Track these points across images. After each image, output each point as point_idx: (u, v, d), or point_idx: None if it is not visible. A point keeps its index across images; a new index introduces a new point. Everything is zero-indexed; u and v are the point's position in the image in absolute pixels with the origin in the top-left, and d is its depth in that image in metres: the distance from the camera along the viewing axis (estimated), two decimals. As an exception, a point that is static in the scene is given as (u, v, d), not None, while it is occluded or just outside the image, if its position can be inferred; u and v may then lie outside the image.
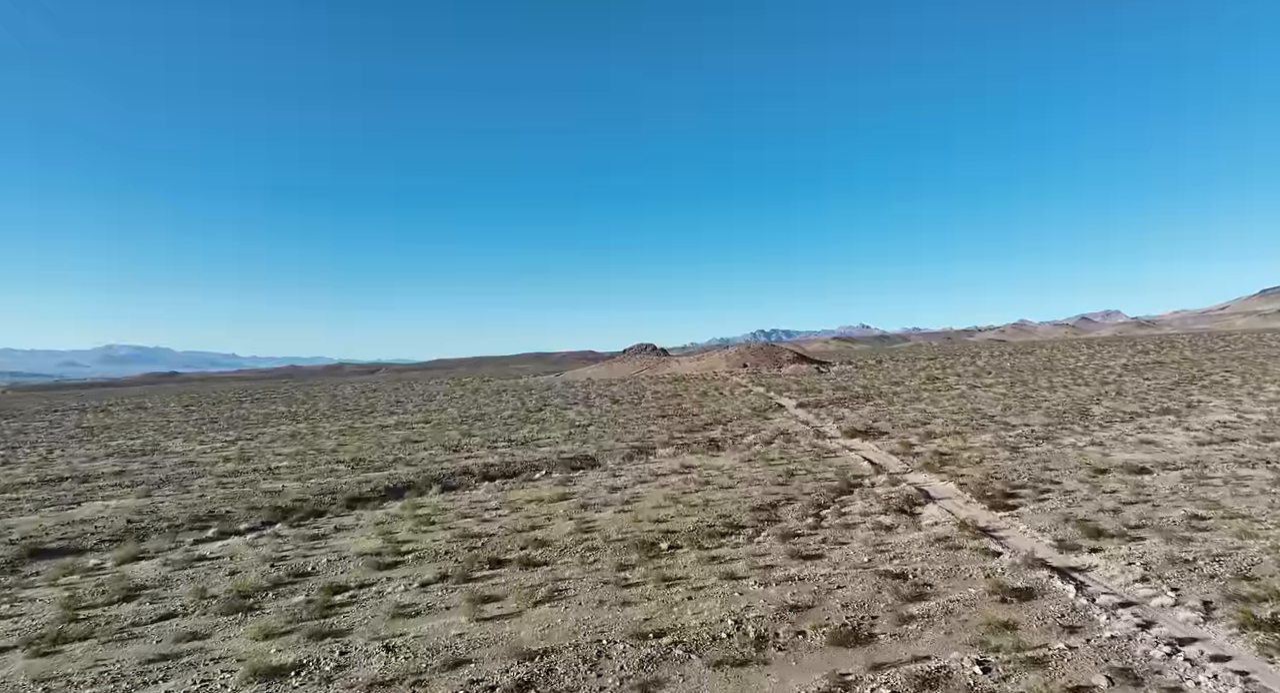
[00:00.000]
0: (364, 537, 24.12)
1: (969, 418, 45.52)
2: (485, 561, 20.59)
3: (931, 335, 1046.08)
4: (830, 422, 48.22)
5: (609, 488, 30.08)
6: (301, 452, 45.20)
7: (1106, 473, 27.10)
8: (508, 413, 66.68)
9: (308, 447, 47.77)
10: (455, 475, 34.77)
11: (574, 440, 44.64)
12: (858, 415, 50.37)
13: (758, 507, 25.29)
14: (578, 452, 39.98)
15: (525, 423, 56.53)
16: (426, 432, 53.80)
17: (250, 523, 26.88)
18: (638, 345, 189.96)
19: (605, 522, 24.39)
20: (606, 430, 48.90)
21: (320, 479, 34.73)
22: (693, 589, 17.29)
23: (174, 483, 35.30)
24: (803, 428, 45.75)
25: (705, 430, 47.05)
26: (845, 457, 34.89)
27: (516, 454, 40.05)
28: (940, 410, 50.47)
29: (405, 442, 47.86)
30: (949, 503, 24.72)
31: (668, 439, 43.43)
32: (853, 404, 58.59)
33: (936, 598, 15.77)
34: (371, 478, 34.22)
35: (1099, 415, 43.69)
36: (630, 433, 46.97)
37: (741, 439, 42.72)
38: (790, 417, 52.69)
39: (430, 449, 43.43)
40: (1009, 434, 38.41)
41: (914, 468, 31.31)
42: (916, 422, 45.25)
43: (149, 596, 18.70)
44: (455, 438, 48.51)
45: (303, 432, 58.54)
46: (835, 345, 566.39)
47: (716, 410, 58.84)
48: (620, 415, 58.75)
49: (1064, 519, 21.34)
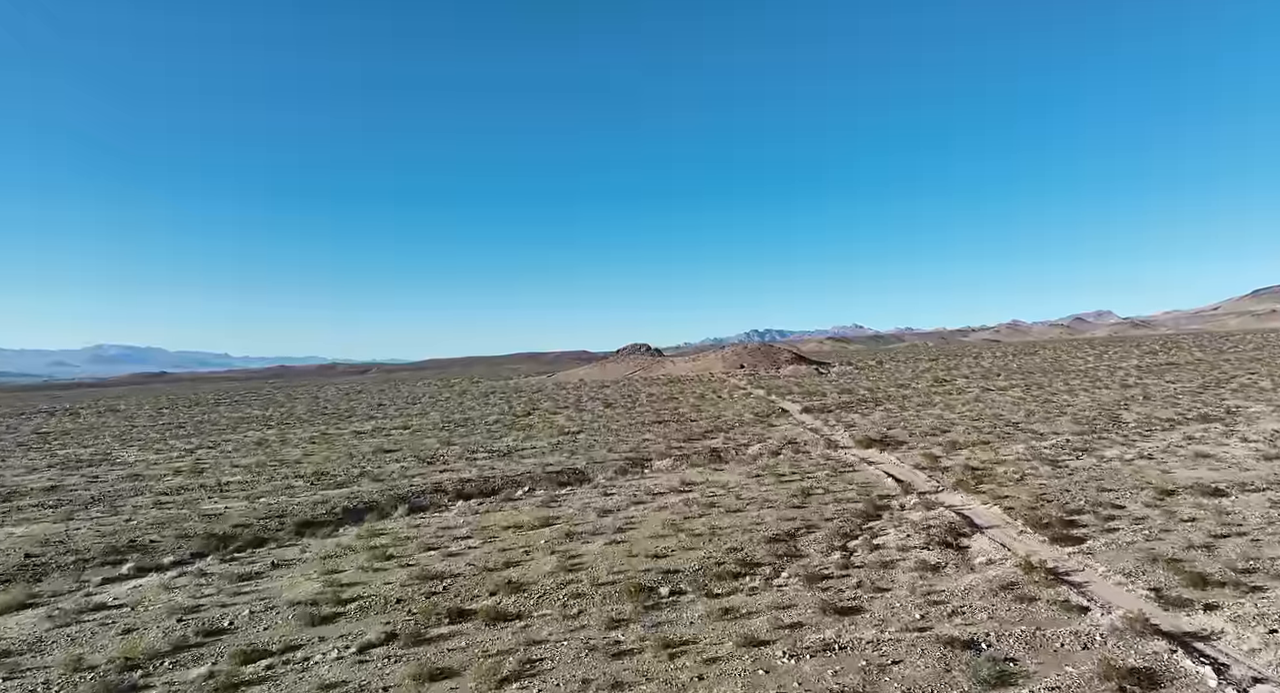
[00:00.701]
0: (304, 576, 20.14)
1: (992, 425, 41.90)
2: (445, 612, 16.69)
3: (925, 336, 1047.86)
4: (841, 429, 44.51)
5: (599, 510, 26.20)
6: (262, 463, 41.07)
7: (1175, 495, 23.40)
8: (493, 418, 62.66)
9: (270, 457, 43.64)
10: (425, 494, 30.81)
11: (562, 451, 40.73)
12: (870, 422, 46.68)
13: (774, 537, 21.50)
14: (565, 464, 36.08)
15: (510, 430, 52.57)
16: (403, 440, 49.74)
17: (176, 556, 22.85)
18: (631, 346, 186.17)
19: (594, 557, 20.53)
20: (598, 439, 45.02)
21: (272, 498, 30.68)
22: (704, 661, 13.45)
23: (105, 502, 31.12)
24: (812, 436, 42.00)
25: (705, 439, 43.24)
26: (865, 471, 31.15)
27: (497, 467, 36.09)
28: (958, 417, 46.84)
29: (377, 452, 43.81)
30: (1000, 533, 20.98)
31: (665, 449, 39.59)
32: (862, 409, 54.92)
33: (1028, 683, 11.96)
34: (330, 497, 30.21)
35: (1133, 423, 40.14)
36: (623, 442, 43.11)
37: (746, 450, 38.93)
38: (796, 423, 48.95)
39: (403, 461, 39.41)
40: (1042, 445, 34.77)
41: (945, 486, 27.58)
42: (935, 429, 41.59)
43: (3, 669, 14.66)
44: (433, 447, 44.50)
45: (270, 439, 54.35)
46: (830, 346, 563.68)
47: (716, 416, 55.06)
48: (613, 421, 54.86)
49: (1149, 558, 17.60)
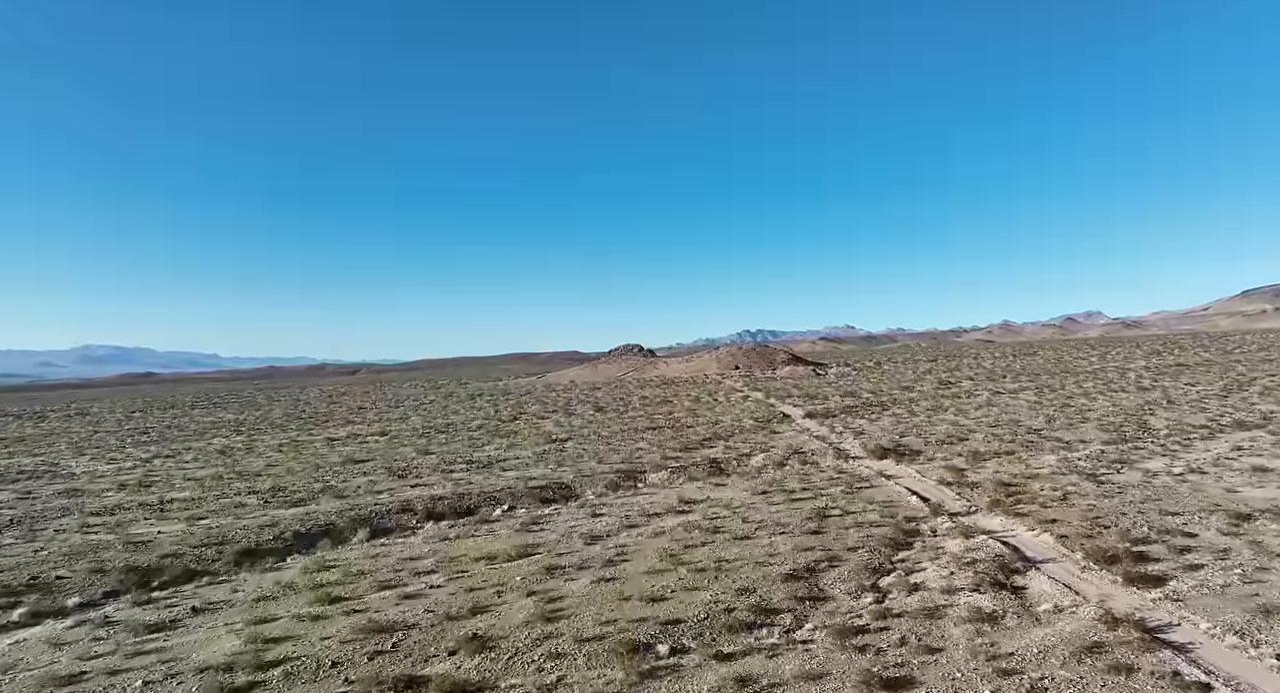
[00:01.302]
0: (226, 628, 16.66)
1: (1012, 432, 38.81)
2: (391, 682, 13.35)
3: (916, 336, 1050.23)
4: (849, 436, 41.30)
5: (587, 537, 22.83)
6: (218, 476, 37.41)
7: (1253, 520, 20.30)
8: (477, 424, 59.12)
9: (229, 468, 39.96)
10: (391, 514, 27.32)
11: (548, 461, 37.30)
12: (879, 428, 43.50)
13: (791, 573, 18.22)
14: (551, 478, 32.67)
15: (494, 437, 49.07)
16: (377, 448, 46.16)
17: (84, 596, 19.34)
18: (624, 346, 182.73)
19: (578, 600, 17.17)
20: (587, 447, 41.62)
21: (217, 519, 27.10)
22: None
23: (25, 525, 27.42)
24: (819, 445, 38.77)
25: (704, 448, 39.94)
26: (884, 487, 27.92)
27: (475, 482, 32.63)
28: (974, 423, 43.74)
29: (347, 462, 40.21)
30: (1059, 569, 17.77)
31: (660, 460, 36.26)
32: (868, 414, 51.76)
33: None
34: (282, 518, 26.66)
35: (1165, 430, 37.16)
36: (615, 451, 39.73)
37: (748, 460, 35.67)
38: (801, 430, 45.71)
39: (373, 474, 35.86)
40: (1075, 456, 31.68)
41: (979, 506, 24.39)
42: (952, 437, 38.45)
43: None
44: (408, 457, 40.95)
45: (236, 447, 50.60)
46: (822, 346, 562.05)
47: (714, 421, 51.77)
48: (604, 427, 51.47)
49: (1261, 610, 14.45)
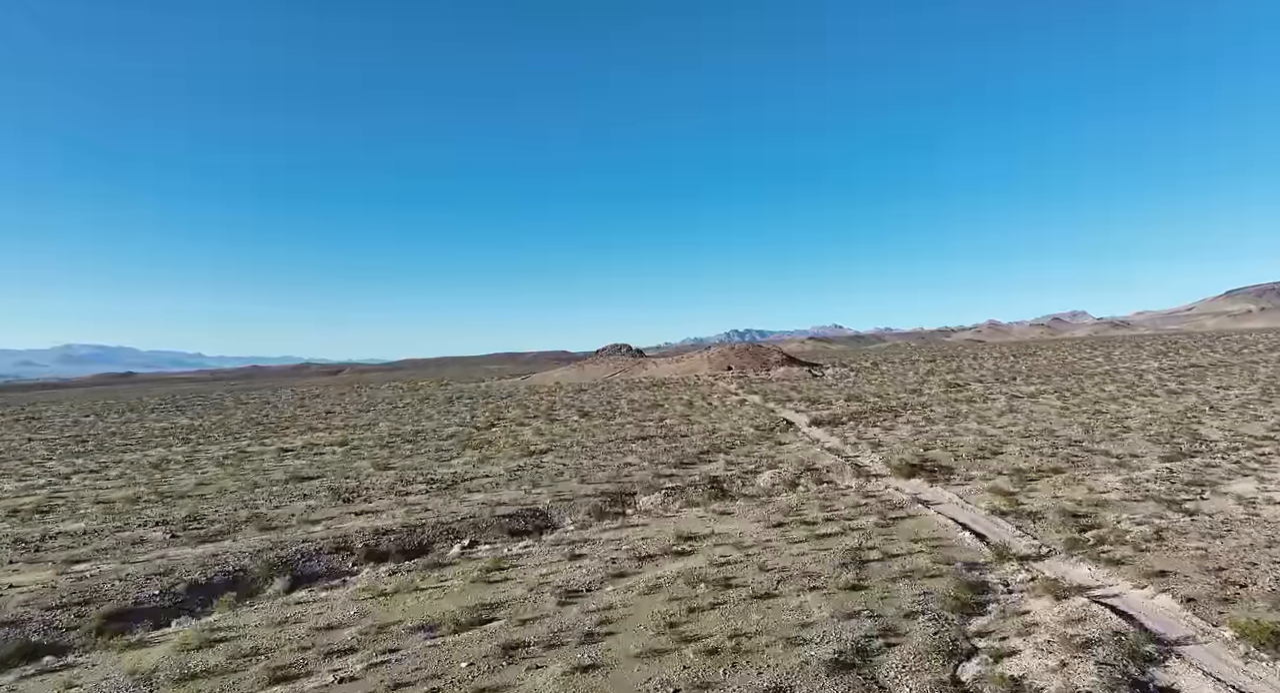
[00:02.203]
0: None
1: (1051, 445, 34.23)
2: None
3: (904, 336, 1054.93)
4: (866, 448, 36.52)
5: (562, 593, 17.79)
6: (134, 498, 31.93)
7: None
8: (450, 431, 53.80)
9: (153, 487, 34.44)
10: (322, 555, 22.12)
11: (522, 480, 32.18)
12: (897, 439, 38.76)
13: (837, 659, 13.32)
14: (524, 503, 27.57)
15: (465, 448, 43.82)
16: (332, 461, 40.78)
17: None
18: (612, 346, 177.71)
19: (543, 709, 12.13)
20: (569, 462, 36.53)
21: (102, 562, 21.76)
22: None
23: None
24: (834, 460, 33.92)
25: (702, 462, 35.00)
26: (924, 518, 23.11)
27: (433, 508, 27.45)
28: (1002, 432, 39.12)
29: (291, 480, 34.84)
30: (1209, 657, 12.96)
31: (652, 478, 31.27)
32: (879, 420, 47.05)
33: None
34: (183, 561, 21.35)
35: (1223, 442, 32.74)
36: (600, 467, 34.67)
37: (755, 478, 30.78)
38: (809, 440, 40.84)
39: (315, 496, 30.55)
40: (1139, 476, 27.05)
41: (1053, 547, 19.58)
42: (984, 450, 33.77)
43: None
44: (362, 474, 35.67)
45: (174, 459, 44.96)
46: (812, 346, 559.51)
47: (710, 429, 46.82)
48: (589, 436, 46.39)
49: None
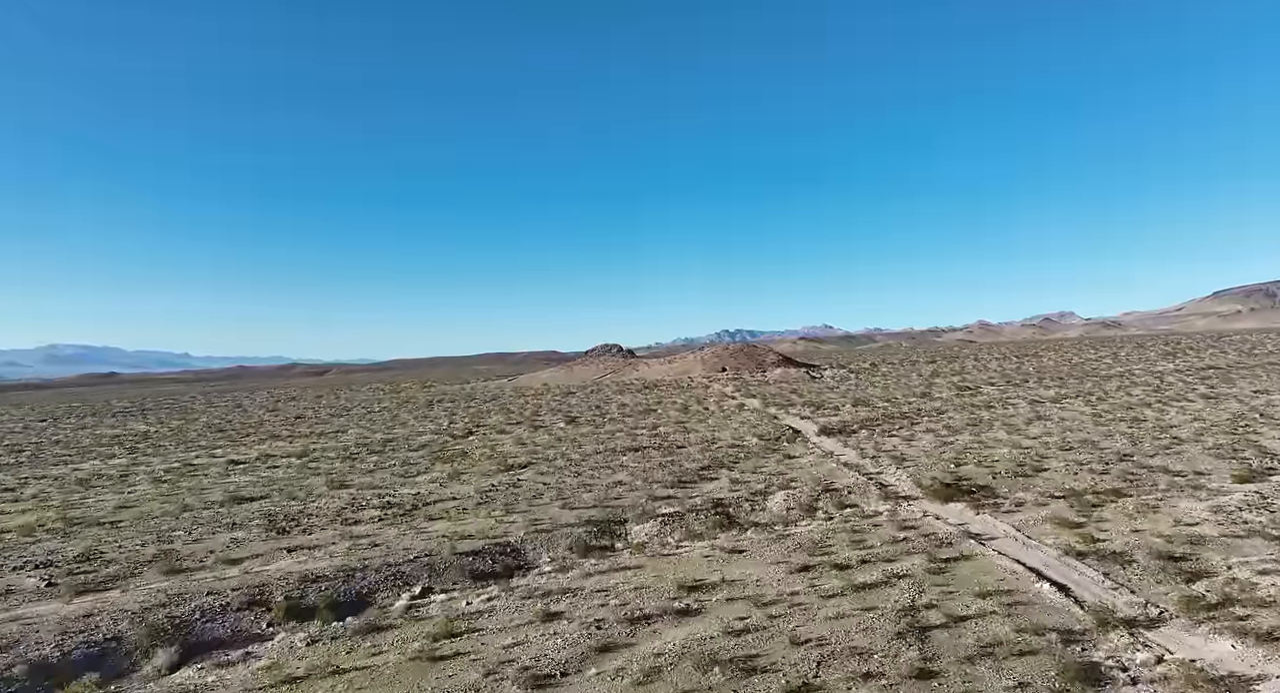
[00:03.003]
0: None
1: (1097, 459, 30.13)
2: None
3: (894, 336, 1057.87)
4: (888, 463, 32.24)
5: (529, 680, 13.30)
6: (34, 525, 27.02)
7: None
8: (423, 439, 49.10)
9: (63, 512, 29.52)
10: (230, 612, 17.48)
11: (494, 503, 27.65)
12: (921, 452, 34.53)
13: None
14: (492, 536, 23.05)
15: (437, 460, 39.17)
16: (282, 477, 36.01)
17: None
18: (602, 346, 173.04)
19: None
20: (550, 480, 32.02)
21: (-55, 624, 17.00)
22: None
23: None
24: (854, 478, 29.61)
25: (702, 480, 30.60)
26: (982, 559, 18.83)
27: (384, 542, 22.85)
28: (1036, 443, 34.97)
29: (229, 501, 30.09)
30: None
31: (646, 501, 26.84)
32: (895, 429, 42.82)
33: None
34: (43, 622, 16.65)
35: (1295, 456, 28.80)
36: (587, 486, 30.18)
37: (765, 501, 26.43)
38: (821, 452, 36.48)
39: (247, 525, 25.83)
40: (1223, 501, 22.94)
41: (1165, 607, 15.33)
42: (1022, 465, 29.59)
43: None
44: (312, 493, 30.98)
45: (107, 474, 39.96)
46: (803, 346, 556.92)
47: (710, 438, 42.41)
48: (575, 447, 41.87)
49: None
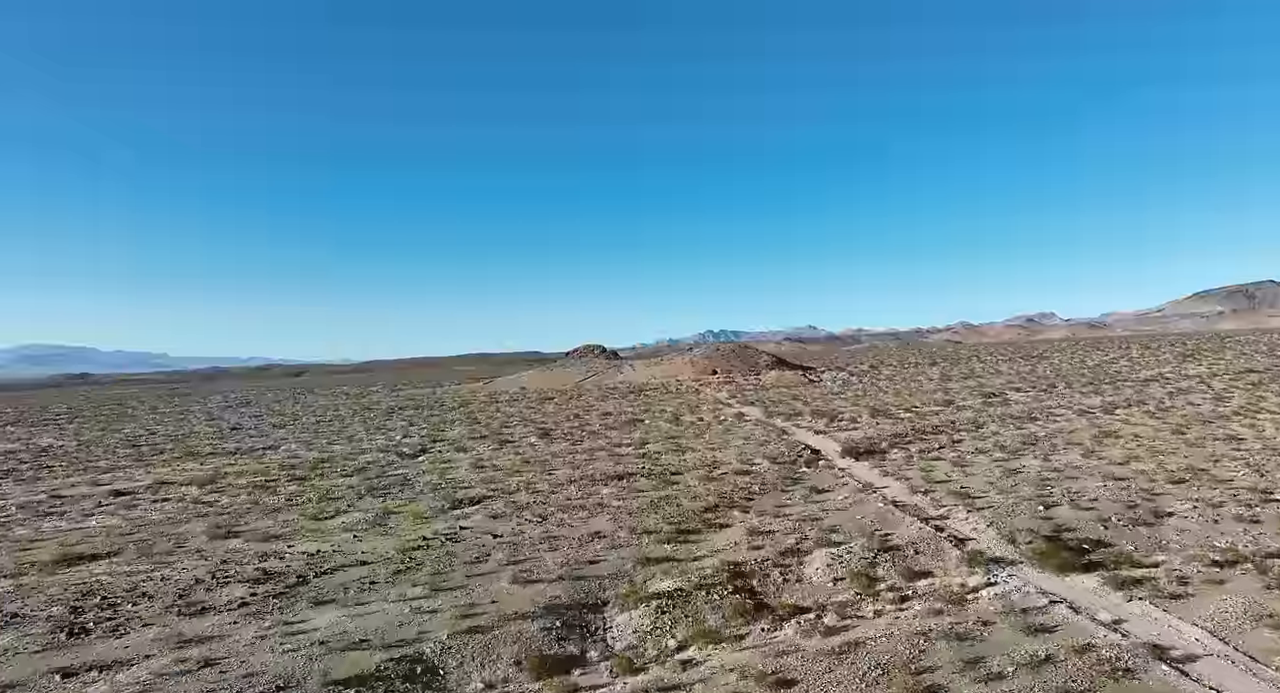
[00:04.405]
0: None
1: (1230, 496, 22.79)
2: None
3: (878, 336, 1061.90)
4: (948, 500, 24.57)
5: None
6: None
7: None
8: (364, 460, 40.75)
9: None
10: None
11: (420, 570, 19.58)
12: (985, 483, 26.90)
13: None
14: (396, 640, 14.97)
15: (367, 493, 30.92)
16: (158, 520, 27.56)
17: None
18: (584, 347, 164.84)
19: None
20: (505, 526, 23.97)
21: None
22: None
23: None
24: (913, 526, 21.84)
25: (709, 528, 22.76)
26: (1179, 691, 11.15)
27: (224, 654, 14.67)
28: (1130, 471, 27.52)
29: (50, 564, 21.63)
30: None
31: (633, 569, 18.96)
32: (933, 447, 35.20)
33: None
34: None
35: None
36: (553, 538, 22.15)
37: (802, 566, 18.69)
38: (855, 484, 28.68)
39: (33, 619, 17.49)
40: None
41: None
42: (1133, 507, 22.14)
43: None
44: (176, 549, 22.67)
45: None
46: (789, 346, 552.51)
47: (710, 461, 34.57)
48: (545, 472, 33.86)
49: None
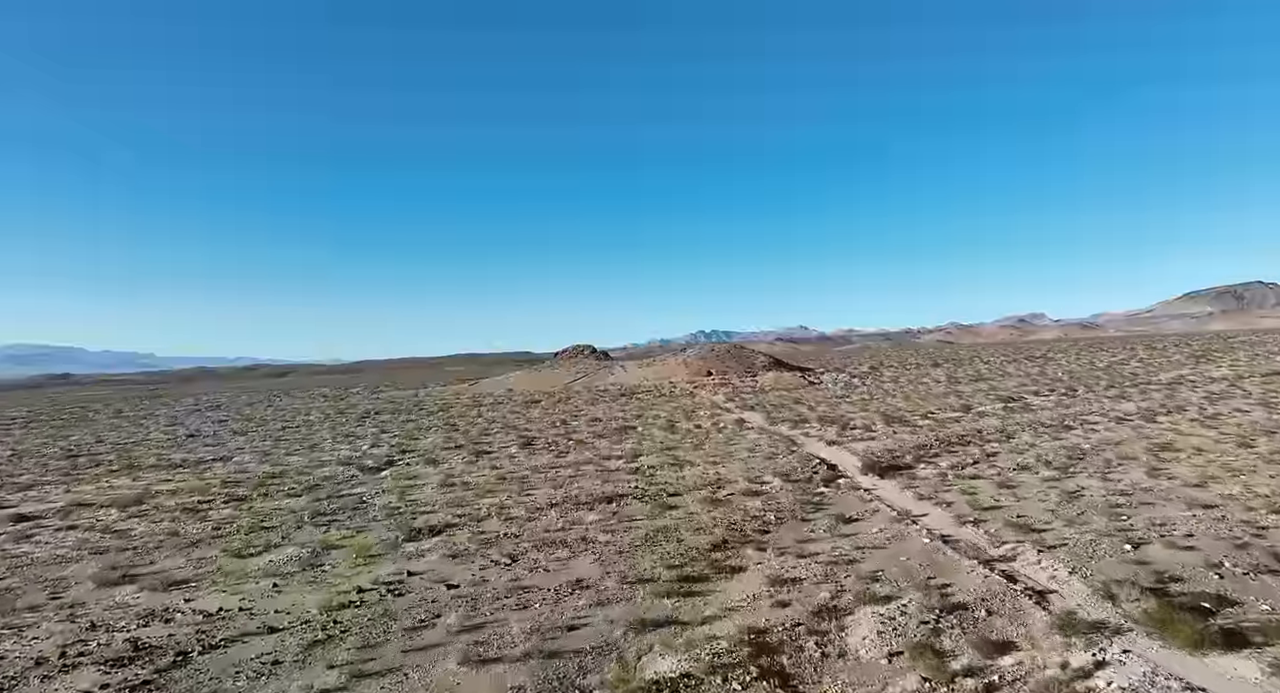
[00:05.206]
0: None
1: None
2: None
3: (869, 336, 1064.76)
4: (1006, 533, 20.27)
5: None
6: None
7: None
8: (322, 474, 36.02)
9: None
10: None
11: (338, 646, 14.97)
12: (1045, 510, 22.63)
13: None
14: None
15: (307, 523, 26.22)
16: (43, 558, 22.77)
17: None
18: (574, 347, 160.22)
19: None
20: (465, 572, 19.40)
21: None
22: None
23: None
24: (972, 569, 17.51)
25: (719, 573, 18.28)
26: None
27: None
28: (1217, 496, 23.35)
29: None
30: None
31: (623, 639, 14.45)
32: (965, 461, 30.96)
33: None
34: None
35: None
36: (522, 592, 17.60)
37: (842, 633, 14.23)
38: (890, 511, 24.30)
39: None
40: None
41: None
42: (1244, 546, 17.92)
43: None
44: (51, 600, 17.92)
45: None
46: (781, 347, 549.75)
47: (713, 478, 30.17)
48: (523, 492, 29.31)
49: None
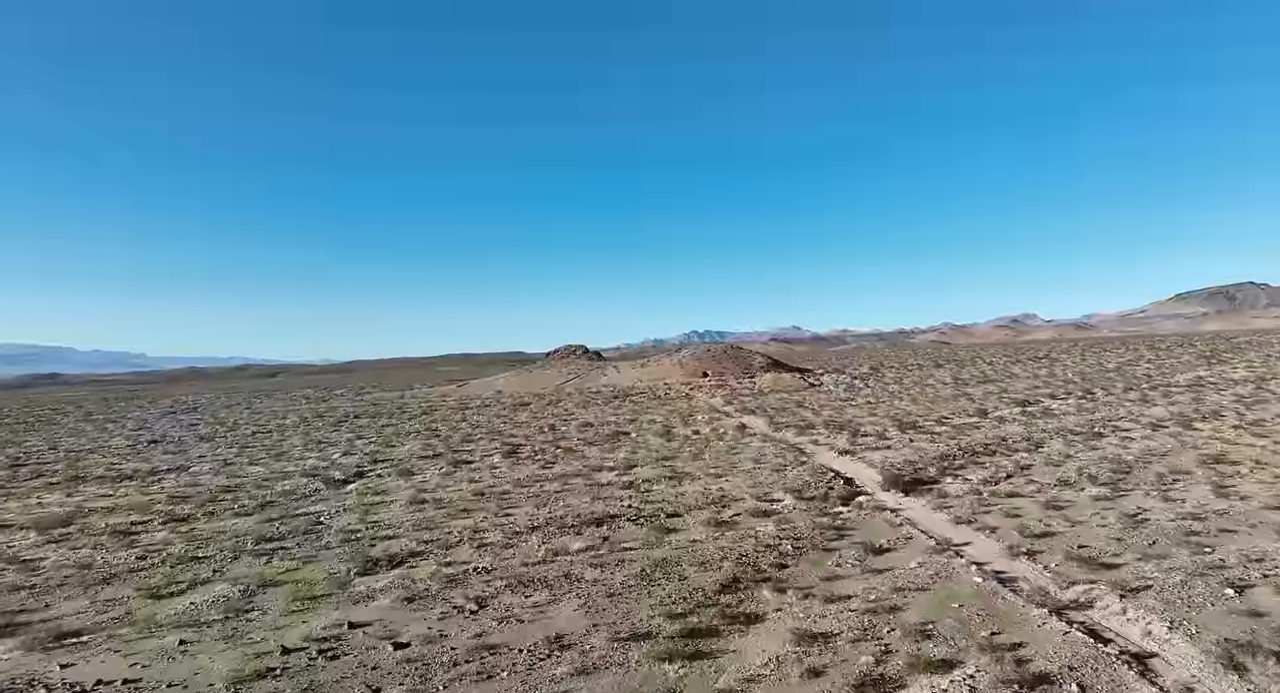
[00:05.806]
0: None
1: None
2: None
3: (863, 336, 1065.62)
4: (1065, 566, 17.05)
5: None
6: None
7: None
8: (283, 488, 32.48)
9: None
10: None
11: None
12: (1109, 538, 19.43)
13: None
14: None
15: (247, 551, 22.67)
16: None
17: None
18: (566, 347, 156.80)
19: None
20: (419, 626, 15.92)
21: None
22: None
23: None
24: (1046, 621, 14.26)
25: (732, 626, 14.90)
26: None
27: None
28: (1295, 517, 20.22)
29: None
30: None
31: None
32: (997, 475, 27.81)
33: None
34: None
35: None
36: (489, 655, 14.15)
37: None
38: (926, 540, 21.00)
39: None
40: None
41: None
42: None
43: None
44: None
45: None
46: (775, 347, 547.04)
47: (716, 496, 26.86)
48: (501, 512, 25.90)
49: None
